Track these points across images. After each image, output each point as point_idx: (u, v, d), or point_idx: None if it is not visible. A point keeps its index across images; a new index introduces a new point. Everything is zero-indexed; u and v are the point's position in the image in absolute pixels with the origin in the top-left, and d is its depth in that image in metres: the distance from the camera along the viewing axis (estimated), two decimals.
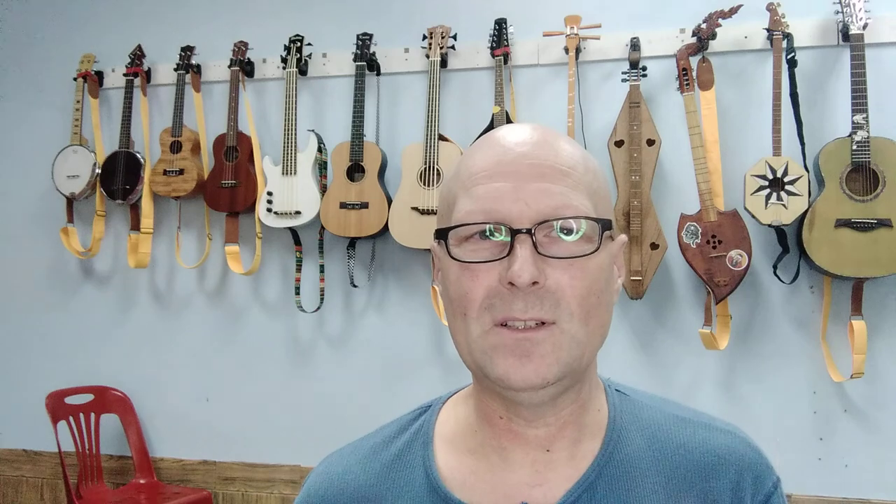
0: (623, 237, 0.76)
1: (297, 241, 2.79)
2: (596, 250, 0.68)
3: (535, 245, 0.67)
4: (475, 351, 0.70)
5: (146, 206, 2.89)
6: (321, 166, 2.75)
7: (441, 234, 0.71)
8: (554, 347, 0.67)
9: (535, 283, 0.66)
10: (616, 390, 0.81)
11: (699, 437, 0.77)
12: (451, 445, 0.78)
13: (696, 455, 0.75)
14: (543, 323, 0.67)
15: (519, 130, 0.73)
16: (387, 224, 2.59)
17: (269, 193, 2.71)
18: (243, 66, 2.85)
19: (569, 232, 0.68)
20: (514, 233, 0.67)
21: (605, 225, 0.69)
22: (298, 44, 2.78)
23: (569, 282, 0.67)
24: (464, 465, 0.76)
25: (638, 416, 0.78)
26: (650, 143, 2.42)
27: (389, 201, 2.61)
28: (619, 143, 2.45)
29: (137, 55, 2.97)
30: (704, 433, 0.77)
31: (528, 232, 0.67)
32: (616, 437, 0.76)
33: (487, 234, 0.69)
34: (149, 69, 3.00)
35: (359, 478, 0.78)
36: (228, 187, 2.78)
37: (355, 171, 2.65)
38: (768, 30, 2.38)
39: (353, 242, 2.71)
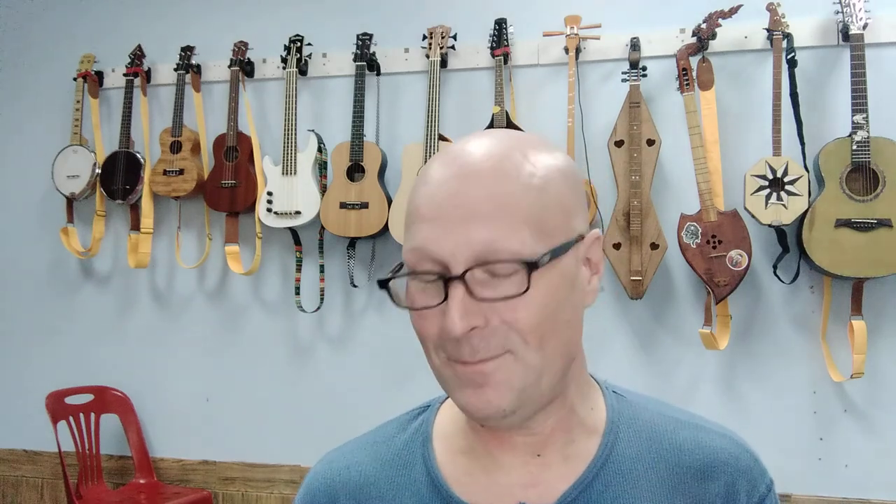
0: (595, 231, 0.72)
1: (297, 241, 2.79)
2: (525, 290, 0.64)
3: (469, 289, 0.65)
4: (440, 378, 0.71)
5: (146, 206, 2.89)
6: (321, 166, 2.75)
7: (383, 284, 0.70)
8: (507, 377, 0.66)
9: (473, 328, 0.65)
10: (613, 392, 0.81)
11: (695, 439, 0.77)
12: (448, 445, 0.78)
13: (692, 457, 0.75)
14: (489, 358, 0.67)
15: (457, 157, 0.68)
16: (387, 224, 2.59)
17: (269, 193, 2.71)
18: (243, 66, 2.85)
19: (502, 275, 0.65)
20: (446, 280, 0.65)
21: (532, 266, 0.64)
22: (298, 44, 2.78)
23: (514, 317, 0.65)
24: (460, 465, 0.76)
25: (635, 417, 0.78)
26: (650, 143, 2.42)
27: (389, 201, 2.61)
28: (619, 143, 2.45)
29: (137, 55, 2.97)
30: (700, 436, 0.77)
31: (461, 277, 0.64)
32: (614, 438, 0.76)
33: (425, 277, 0.67)
34: (149, 69, 3.00)
35: (361, 473, 0.79)
36: (228, 187, 2.78)
37: (355, 171, 2.65)
38: (768, 30, 2.38)
39: (353, 242, 2.71)
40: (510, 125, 2.53)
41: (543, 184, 0.67)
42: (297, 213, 2.68)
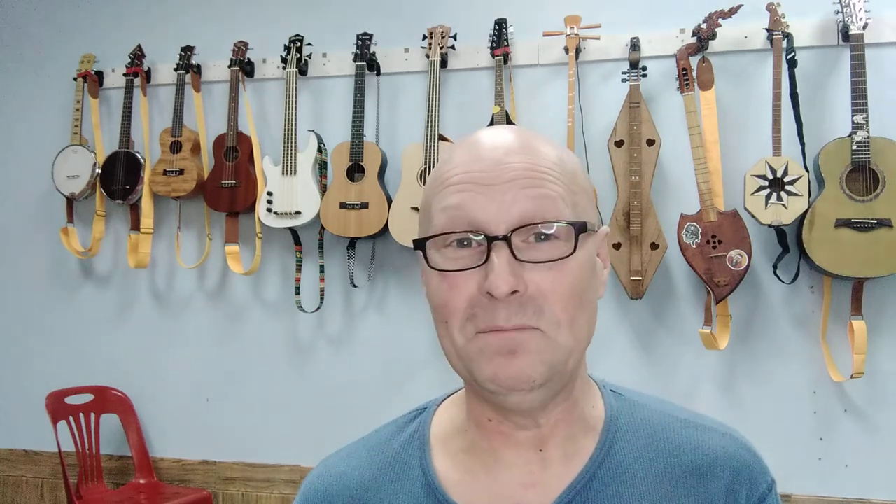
0: (605, 228, 0.75)
1: (297, 241, 2.79)
2: (573, 252, 0.67)
3: (511, 251, 0.66)
4: (463, 356, 0.69)
5: (146, 206, 2.89)
6: (321, 166, 2.75)
7: (419, 244, 0.70)
8: (539, 348, 0.67)
9: (514, 292, 0.65)
10: (611, 390, 0.80)
11: (695, 438, 0.76)
12: (445, 447, 0.78)
13: (692, 456, 0.75)
14: (523, 328, 0.67)
15: (493, 134, 0.72)
16: (387, 224, 2.59)
17: (269, 193, 2.71)
18: (243, 66, 2.85)
19: (546, 237, 0.67)
20: (489, 239, 0.66)
21: (580, 227, 0.68)
22: (298, 44, 2.78)
23: (550, 286, 0.66)
24: (458, 467, 0.76)
25: (634, 416, 0.78)
26: (650, 143, 2.42)
27: (389, 201, 2.61)
28: (619, 143, 2.45)
29: (137, 55, 2.97)
30: (701, 434, 0.77)
31: (505, 238, 0.65)
32: (612, 438, 0.75)
33: (465, 241, 0.68)
34: (149, 69, 3.00)
35: (357, 479, 0.78)
36: (228, 187, 2.78)
37: (355, 171, 2.65)
38: (768, 30, 2.38)
39: (353, 242, 2.71)
40: (510, 125, 2.53)
41: (574, 169, 0.72)
42: (297, 213, 2.68)
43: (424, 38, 2.67)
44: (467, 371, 0.70)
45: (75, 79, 3.02)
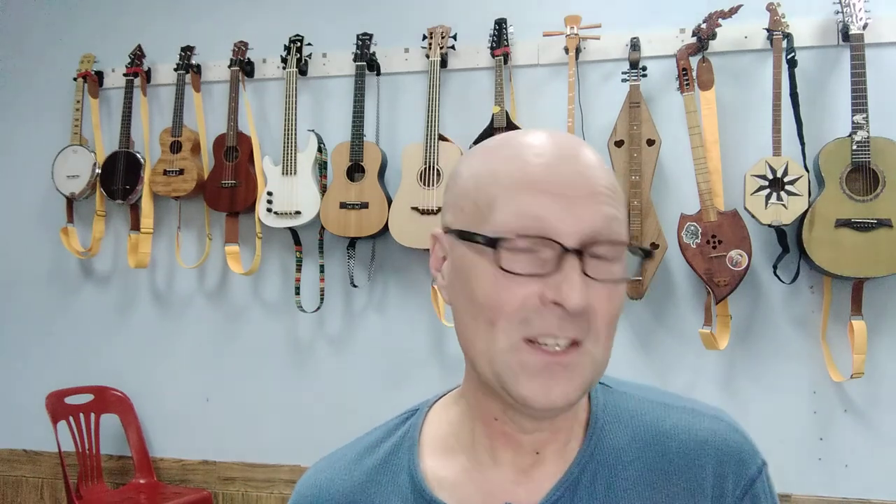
0: None
1: (297, 241, 2.79)
2: (638, 276, 0.70)
3: (582, 266, 0.66)
4: (499, 363, 0.67)
5: (146, 206, 2.89)
6: (321, 166, 2.75)
7: (485, 241, 0.67)
8: (580, 370, 0.67)
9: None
10: (599, 383, 0.81)
11: (683, 422, 0.76)
12: (439, 447, 0.78)
13: (680, 441, 0.75)
14: (573, 343, 0.66)
15: (564, 142, 0.71)
16: (387, 224, 2.59)
17: (269, 193, 2.71)
18: (243, 66, 2.85)
19: (612, 257, 0.67)
20: (564, 251, 0.65)
21: (647, 254, 0.70)
22: (298, 44, 2.78)
23: (603, 305, 0.67)
24: (452, 466, 0.76)
25: (621, 407, 0.78)
26: (650, 143, 2.42)
27: (389, 201, 2.61)
28: (619, 143, 2.45)
29: (137, 55, 2.97)
30: (688, 418, 0.77)
31: (578, 252, 0.65)
32: (599, 432, 0.75)
33: (531, 246, 0.66)
34: (149, 69, 3.00)
35: (345, 484, 0.79)
36: (228, 187, 2.78)
37: (355, 171, 2.65)
38: (768, 30, 2.38)
39: (353, 242, 2.71)
40: (510, 125, 2.53)
41: (620, 191, 0.73)
42: (297, 213, 2.68)
43: (424, 38, 2.67)
44: (496, 378, 0.68)
45: (75, 79, 3.02)
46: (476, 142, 2.49)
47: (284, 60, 2.78)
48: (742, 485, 0.75)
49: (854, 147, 2.23)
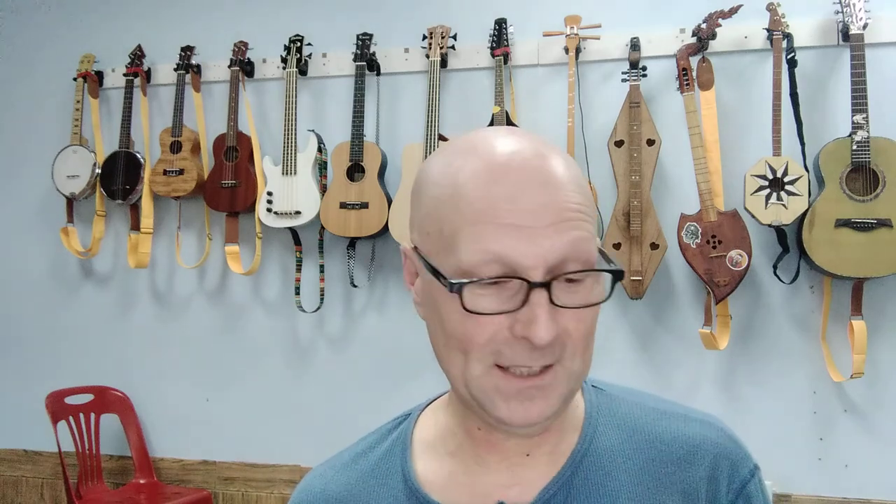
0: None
1: (297, 241, 2.79)
2: (607, 297, 0.67)
3: (551, 297, 0.64)
4: (474, 387, 0.67)
5: (146, 206, 2.89)
6: (321, 166, 2.75)
7: (449, 287, 0.65)
8: (557, 387, 0.67)
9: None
10: (592, 386, 0.81)
11: (675, 428, 0.77)
12: (430, 450, 0.78)
13: (672, 446, 0.75)
14: (547, 366, 0.66)
15: (530, 157, 0.66)
16: (387, 224, 2.59)
17: (269, 193, 2.71)
18: (243, 66, 2.85)
19: (582, 276, 0.65)
20: (530, 286, 0.63)
21: (619, 276, 0.66)
22: (298, 44, 2.78)
23: (575, 326, 0.66)
24: (443, 468, 0.76)
25: (614, 410, 0.78)
26: (650, 143, 2.42)
27: (389, 201, 2.61)
28: (619, 143, 2.45)
29: (137, 55, 2.97)
30: (680, 424, 0.77)
31: (545, 285, 0.63)
32: (592, 433, 0.76)
33: (497, 280, 0.64)
34: (149, 69, 3.00)
35: (339, 487, 0.79)
36: (228, 187, 2.78)
37: (355, 171, 2.65)
38: (768, 30, 2.38)
39: (353, 242, 2.71)
40: (510, 125, 2.52)
41: (584, 183, 0.69)
42: (297, 213, 2.68)
43: (424, 38, 2.67)
44: (474, 399, 0.68)
45: (75, 79, 3.02)
46: None
47: (284, 60, 2.78)
48: (735, 488, 0.75)
49: (854, 147, 2.23)
